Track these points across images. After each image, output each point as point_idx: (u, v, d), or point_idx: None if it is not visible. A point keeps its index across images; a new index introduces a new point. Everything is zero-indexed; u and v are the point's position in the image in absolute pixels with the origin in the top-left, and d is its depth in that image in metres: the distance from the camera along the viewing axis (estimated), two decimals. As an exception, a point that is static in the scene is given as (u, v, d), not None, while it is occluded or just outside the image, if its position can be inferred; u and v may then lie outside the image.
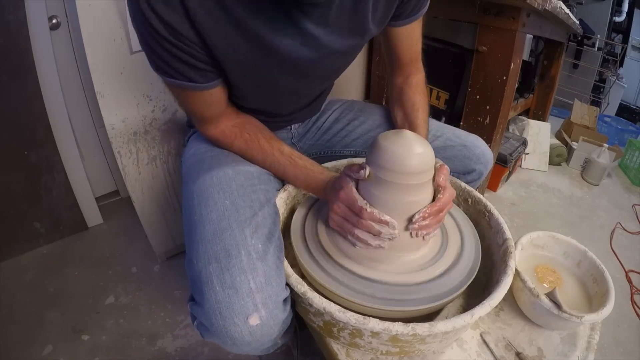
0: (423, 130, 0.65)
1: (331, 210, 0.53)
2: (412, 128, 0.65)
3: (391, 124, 0.76)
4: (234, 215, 0.51)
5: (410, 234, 0.50)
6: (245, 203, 0.54)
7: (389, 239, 0.49)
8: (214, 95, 0.56)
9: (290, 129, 0.78)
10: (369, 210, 0.48)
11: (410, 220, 0.49)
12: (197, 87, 0.53)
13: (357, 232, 0.50)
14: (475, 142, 0.74)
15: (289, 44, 0.51)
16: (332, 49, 0.55)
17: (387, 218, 0.48)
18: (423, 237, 0.51)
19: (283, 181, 0.66)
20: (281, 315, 0.47)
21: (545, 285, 0.60)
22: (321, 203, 0.65)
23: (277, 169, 0.62)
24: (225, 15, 0.46)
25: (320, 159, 0.80)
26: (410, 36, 0.66)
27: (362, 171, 0.49)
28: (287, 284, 0.50)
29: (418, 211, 0.49)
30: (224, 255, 0.47)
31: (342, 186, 0.51)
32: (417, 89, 0.70)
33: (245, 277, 0.46)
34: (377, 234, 0.49)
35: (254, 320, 0.45)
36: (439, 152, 0.72)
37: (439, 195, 0.50)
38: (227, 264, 0.47)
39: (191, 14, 0.44)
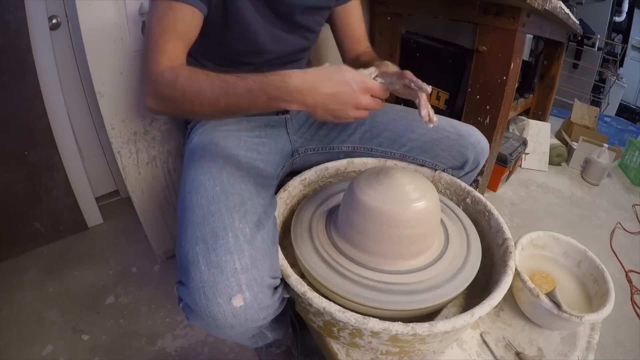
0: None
1: (357, 106, 0.51)
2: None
3: None
4: (223, 201, 0.53)
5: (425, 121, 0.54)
6: (235, 191, 0.55)
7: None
8: (189, 18, 0.57)
9: (283, 113, 0.77)
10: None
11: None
12: None
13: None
14: (470, 131, 0.74)
15: None
16: None
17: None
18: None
19: (278, 173, 0.68)
20: (266, 300, 0.47)
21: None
22: (322, 202, 0.65)
23: (227, 90, 0.52)
24: None
25: (320, 155, 0.80)
26: (353, 15, 0.77)
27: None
28: (287, 284, 0.50)
29: (419, 111, 0.54)
30: (211, 236, 0.49)
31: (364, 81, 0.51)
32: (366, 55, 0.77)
33: (231, 257, 0.46)
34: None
35: (237, 302, 0.44)
36: (434, 144, 0.72)
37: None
38: (213, 245, 0.48)
39: None
